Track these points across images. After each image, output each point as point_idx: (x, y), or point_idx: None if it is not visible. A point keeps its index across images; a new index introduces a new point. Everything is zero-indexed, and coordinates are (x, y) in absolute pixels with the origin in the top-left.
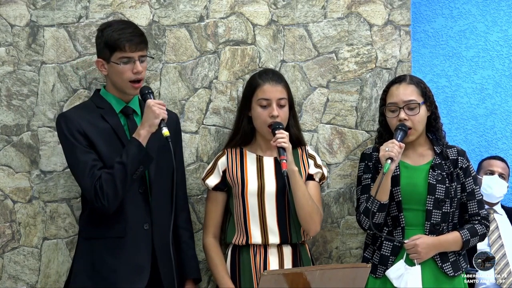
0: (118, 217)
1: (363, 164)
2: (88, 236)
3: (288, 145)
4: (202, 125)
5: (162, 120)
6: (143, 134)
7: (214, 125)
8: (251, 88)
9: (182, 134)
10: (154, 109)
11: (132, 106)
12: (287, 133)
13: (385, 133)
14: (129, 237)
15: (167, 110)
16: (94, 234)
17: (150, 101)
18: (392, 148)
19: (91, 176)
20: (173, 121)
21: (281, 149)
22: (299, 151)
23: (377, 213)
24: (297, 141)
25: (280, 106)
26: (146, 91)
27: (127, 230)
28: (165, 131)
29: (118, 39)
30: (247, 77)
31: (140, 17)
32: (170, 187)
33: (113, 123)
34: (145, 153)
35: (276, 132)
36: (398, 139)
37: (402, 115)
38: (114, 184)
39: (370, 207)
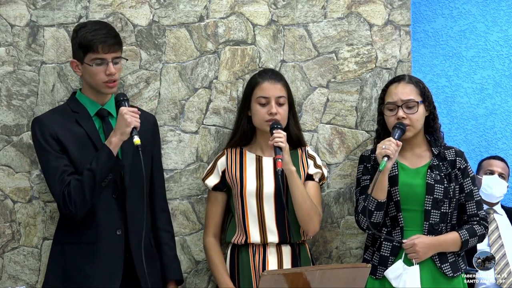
0: (90, 223)
1: (362, 166)
2: (61, 241)
3: (285, 145)
4: (202, 125)
5: (134, 128)
6: (114, 142)
7: (214, 125)
8: (250, 86)
9: (182, 134)
10: (126, 117)
11: (108, 108)
12: (284, 133)
13: (383, 132)
14: (101, 243)
15: (144, 112)
16: (66, 239)
17: (123, 109)
18: (389, 145)
19: (60, 182)
20: (149, 123)
21: (277, 148)
22: (299, 151)
23: (375, 212)
24: (297, 141)
25: (279, 104)
26: (121, 98)
27: (98, 235)
28: (136, 140)
29: (91, 40)
30: (247, 77)
31: (140, 17)
32: (147, 190)
33: (87, 128)
34: (115, 161)
35: (274, 131)
36: (396, 137)
37: (401, 113)
38: (82, 191)
39: (367, 206)
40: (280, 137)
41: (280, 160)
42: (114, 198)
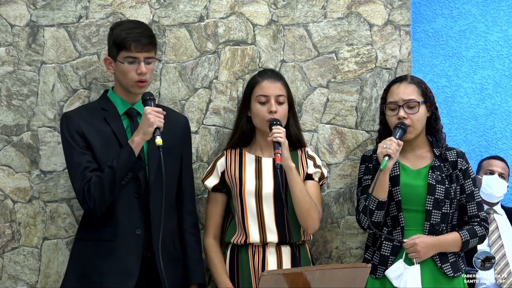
0: (110, 220)
1: (364, 166)
2: (81, 237)
3: (284, 140)
4: (202, 125)
5: (157, 128)
6: (136, 141)
7: (214, 125)
8: (250, 86)
9: None
10: (149, 117)
11: (137, 108)
12: (283, 129)
13: (385, 132)
14: (119, 241)
15: (175, 112)
16: (86, 236)
17: (147, 108)
18: (390, 145)
19: (82, 178)
20: (181, 124)
21: (276, 144)
22: (299, 152)
23: (376, 211)
24: (297, 142)
25: (279, 103)
26: (148, 97)
27: (117, 234)
28: (158, 140)
29: (125, 38)
30: (247, 77)
31: (140, 17)
32: (174, 191)
33: (115, 127)
34: (135, 160)
35: (273, 127)
36: (397, 136)
37: (402, 113)
38: (102, 188)
39: (368, 205)
40: (279, 132)
41: (279, 154)
42: (136, 197)
